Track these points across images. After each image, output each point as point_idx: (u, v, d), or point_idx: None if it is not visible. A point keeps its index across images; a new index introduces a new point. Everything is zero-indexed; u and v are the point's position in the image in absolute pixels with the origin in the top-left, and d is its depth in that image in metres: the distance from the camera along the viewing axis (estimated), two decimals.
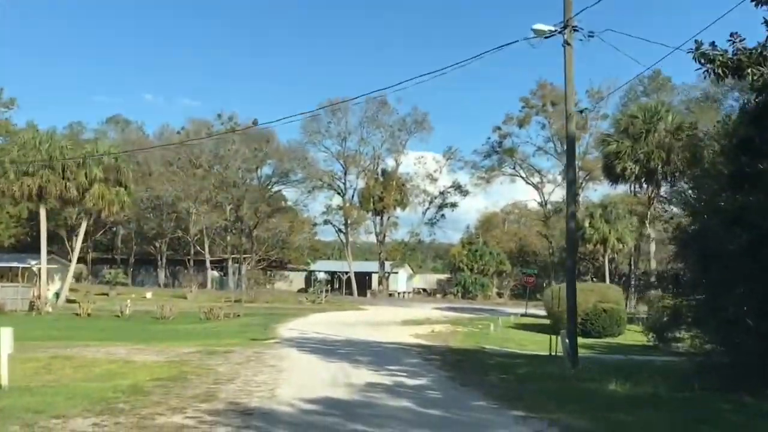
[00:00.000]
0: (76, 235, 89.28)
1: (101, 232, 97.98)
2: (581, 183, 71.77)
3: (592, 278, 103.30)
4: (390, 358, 22.08)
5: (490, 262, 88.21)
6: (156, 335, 31.52)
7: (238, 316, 45.32)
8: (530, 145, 71.60)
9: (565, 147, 70.54)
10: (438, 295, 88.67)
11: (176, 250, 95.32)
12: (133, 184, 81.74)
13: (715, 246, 14.58)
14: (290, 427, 10.78)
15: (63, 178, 49.78)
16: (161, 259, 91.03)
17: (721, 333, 15.07)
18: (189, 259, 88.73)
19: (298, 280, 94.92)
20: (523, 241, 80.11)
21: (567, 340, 19.84)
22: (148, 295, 66.36)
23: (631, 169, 44.50)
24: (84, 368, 17.70)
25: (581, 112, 40.13)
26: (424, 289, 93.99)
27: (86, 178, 50.16)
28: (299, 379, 16.19)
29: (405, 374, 17.72)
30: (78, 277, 78.34)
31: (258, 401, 12.92)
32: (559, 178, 72.18)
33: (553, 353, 23.67)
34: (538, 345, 28.85)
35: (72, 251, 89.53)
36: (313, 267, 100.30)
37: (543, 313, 56.60)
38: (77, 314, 45.37)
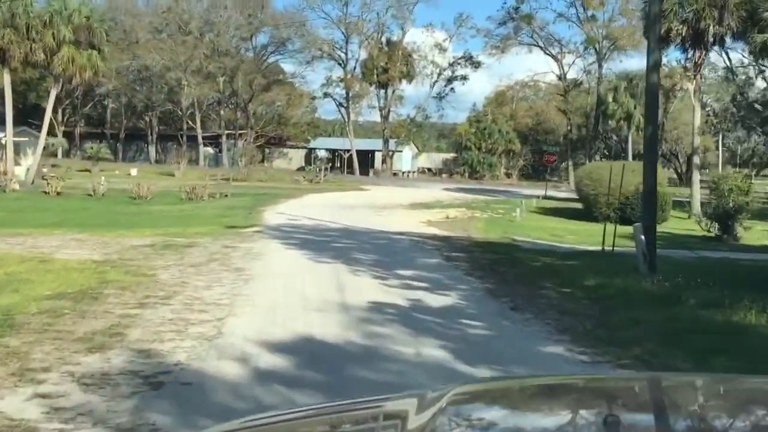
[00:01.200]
0: (59, 107, 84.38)
1: (90, 105, 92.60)
2: (605, 54, 65.45)
3: (602, 159, 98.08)
4: (400, 256, 16.99)
5: (498, 141, 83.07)
6: (118, 219, 26.42)
7: (225, 196, 40.37)
8: (550, 11, 64.90)
9: (589, 13, 63.76)
10: (444, 175, 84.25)
11: (169, 125, 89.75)
12: (121, 53, 76.71)
13: None
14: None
15: (28, 39, 43.70)
16: (151, 135, 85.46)
17: None
18: (181, 135, 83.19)
19: (297, 158, 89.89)
20: (541, 116, 73.69)
21: (642, 236, 14.52)
22: (133, 171, 61.30)
23: (677, 30, 38.46)
24: None
25: None
26: (429, 169, 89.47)
27: (54, 39, 44.05)
28: (269, 298, 11.06)
29: (424, 285, 12.55)
30: (63, 153, 73.30)
31: (187, 351, 7.71)
32: (581, 48, 65.94)
33: (608, 248, 18.56)
34: (579, 236, 23.90)
35: (57, 125, 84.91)
36: (313, 144, 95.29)
37: (563, 195, 51.84)
38: (45, 192, 40.44)
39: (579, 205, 35.29)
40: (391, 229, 23.32)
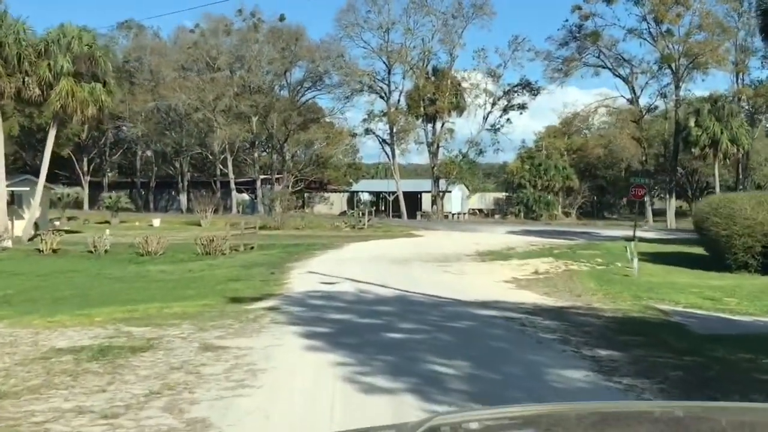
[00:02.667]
0: (84, 155, 78.78)
1: (119, 153, 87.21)
2: (682, 73, 57.75)
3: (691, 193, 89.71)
4: (510, 362, 9.52)
5: (555, 177, 76.00)
6: (94, 289, 19.60)
7: (251, 248, 33.43)
8: (618, 27, 57.49)
9: (663, 27, 56.18)
10: (496, 216, 77.25)
11: (202, 171, 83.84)
12: (146, 94, 70.92)
13: None
14: None
15: (20, 72, 37.60)
16: (182, 182, 79.42)
17: None
18: (215, 181, 76.95)
19: (339, 202, 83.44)
20: (610, 145, 65.33)
21: None
22: (156, 222, 55.05)
23: None
24: None
25: None
26: (480, 210, 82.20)
27: (50, 70, 37.88)
28: None
29: None
30: (89, 204, 67.54)
31: None
32: (655, 68, 58.23)
33: None
34: (741, 298, 16.35)
35: (83, 174, 79.21)
36: (355, 187, 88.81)
37: (652, 235, 43.97)
38: (39, 250, 33.90)
39: (693, 250, 27.68)
40: (469, 295, 15.96)
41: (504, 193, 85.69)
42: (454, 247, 33.32)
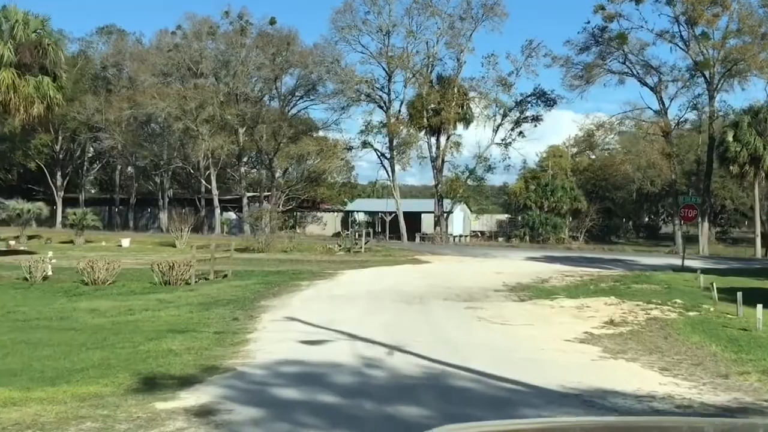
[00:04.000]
0: (58, 169, 72.27)
1: (98, 167, 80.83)
2: (718, 81, 51.57)
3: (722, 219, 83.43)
4: None
5: (562, 199, 70.51)
6: None
7: (224, 276, 27.21)
8: (645, 30, 51.16)
9: (698, 30, 50.03)
10: (500, 239, 71.14)
11: (186, 187, 77.43)
12: (122, 101, 64.43)
13: None
14: None
15: None
16: (163, 199, 72.97)
17: None
18: (199, 198, 70.56)
19: (333, 222, 77.46)
20: (641, 161, 58.21)
21: None
22: (125, 242, 48.68)
23: None
24: None
25: None
26: (482, 232, 76.71)
27: None
28: None
29: None
30: (46, 221, 60.71)
31: None
32: (687, 76, 51.82)
33: None
34: None
35: (56, 189, 72.62)
36: (350, 207, 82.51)
37: (701, 264, 37.54)
38: None
39: None
40: (545, 374, 9.60)
41: (506, 215, 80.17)
42: (473, 277, 26.96)
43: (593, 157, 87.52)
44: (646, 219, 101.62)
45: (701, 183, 53.90)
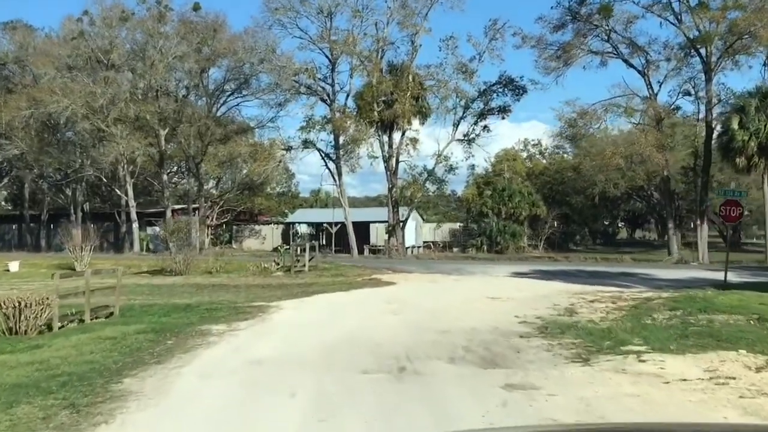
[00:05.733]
0: None
1: (6, 180, 71.22)
2: (717, 62, 44.31)
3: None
4: None
5: (521, 204, 64.64)
6: None
7: (110, 314, 18.71)
8: (630, 3, 43.48)
9: (693, 1, 42.12)
10: (455, 249, 64.37)
11: (107, 200, 68.18)
12: (23, 102, 54.94)
13: None
14: None
15: None
16: (75, 213, 63.43)
17: None
18: (119, 212, 61.31)
19: (273, 235, 69.20)
20: (634, 154, 49.69)
21: None
22: (13, 266, 39.74)
23: None
24: None
25: None
26: (435, 242, 69.07)
27: None
28: None
29: None
30: None
31: None
32: (681, 54, 44.20)
33: None
34: None
35: None
36: (291, 218, 74.29)
37: (737, 277, 29.69)
38: None
39: None
40: None
41: (459, 224, 72.93)
42: (466, 307, 18.77)
43: (544, 161, 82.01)
44: (606, 224, 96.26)
45: (698, 179, 46.51)
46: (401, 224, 53.11)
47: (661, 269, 34.67)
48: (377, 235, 65.81)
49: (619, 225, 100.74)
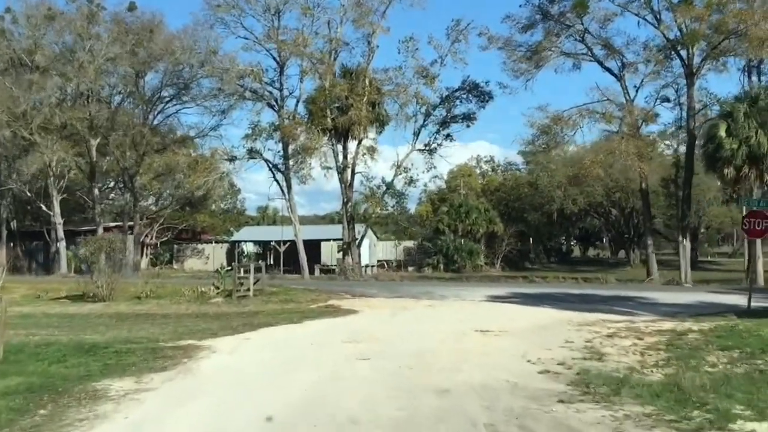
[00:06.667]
0: None
1: None
2: (700, 64, 40.87)
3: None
4: None
5: (478, 221, 62.36)
6: None
7: None
8: (607, 1, 39.86)
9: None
10: (410, 269, 61.24)
11: (37, 218, 62.60)
12: None
13: None
14: None
15: None
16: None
17: None
18: (49, 230, 55.93)
19: (217, 255, 64.53)
20: (617, 164, 45.66)
21: None
22: None
23: None
24: None
25: None
26: (388, 261, 66.33)
27: None
28: None
29: None
30: None
31: None
32: (661, 56, 40.51)
33: None
34: None
35: None
36: (237, 236, 69.95)
37: (761, 303, 25.64)
38: None
39: None
40: None
41: (413, 242, 70.59)
42: (457, 348, 14.46)
43: (500, 178, 79.41)
44: (562, 241, 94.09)
45: (679, 191, 42.89)
46: (357, 242, 48.57)
47: (655, 291, 30.88)
48: (330, 254, 61.54)
49: (572, 243, 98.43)
